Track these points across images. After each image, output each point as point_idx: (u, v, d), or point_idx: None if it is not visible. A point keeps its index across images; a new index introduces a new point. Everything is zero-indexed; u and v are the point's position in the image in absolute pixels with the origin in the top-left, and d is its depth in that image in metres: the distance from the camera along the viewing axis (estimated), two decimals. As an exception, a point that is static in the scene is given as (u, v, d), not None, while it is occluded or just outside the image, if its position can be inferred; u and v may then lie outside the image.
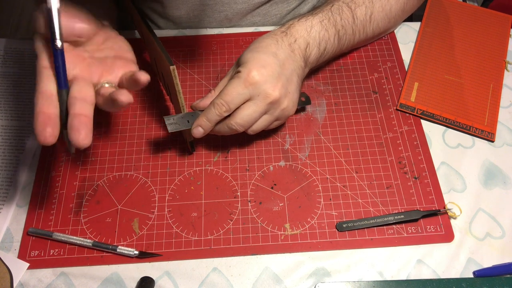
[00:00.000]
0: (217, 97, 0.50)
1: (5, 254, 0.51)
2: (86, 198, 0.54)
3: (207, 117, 0.51)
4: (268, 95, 0.50)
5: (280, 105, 0.51)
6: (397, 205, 0.53)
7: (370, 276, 0.49)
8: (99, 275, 0.49)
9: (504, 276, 0.48)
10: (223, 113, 0.50)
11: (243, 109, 0.50)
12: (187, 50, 0.67)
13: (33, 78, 0.64)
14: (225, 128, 0.52)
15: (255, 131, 0.53)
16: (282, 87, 0.51)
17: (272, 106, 0.51)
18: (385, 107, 0.61)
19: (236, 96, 0.49)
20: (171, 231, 0.52)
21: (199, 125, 0.51)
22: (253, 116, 0.51)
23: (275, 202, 0.54)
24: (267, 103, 0.50)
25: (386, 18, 0.62)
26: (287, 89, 0.52)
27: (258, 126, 0.52)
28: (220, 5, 0.66)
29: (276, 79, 0.50)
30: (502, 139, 0.58)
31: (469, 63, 0.64)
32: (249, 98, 0.50)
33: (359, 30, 0.60)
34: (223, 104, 0.49)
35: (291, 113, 0.54)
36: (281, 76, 0.51)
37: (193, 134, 0.51)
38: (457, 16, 0.69)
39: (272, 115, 0.52)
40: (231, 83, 0.50)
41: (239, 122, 0.51)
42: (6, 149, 0.58)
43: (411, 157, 0.56)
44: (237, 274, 0.49)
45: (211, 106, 0.50)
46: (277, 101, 0.51)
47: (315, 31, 0.55)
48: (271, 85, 0.50)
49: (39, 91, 0.42)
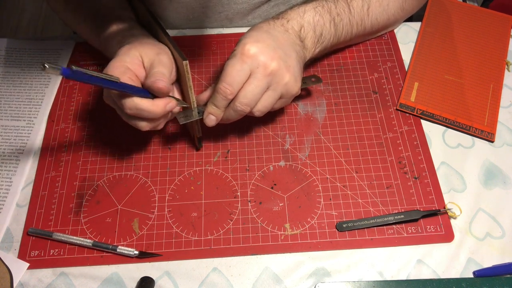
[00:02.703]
0: (218, 83, 0.49)
1: (5, 254, 0.51)
2: (86, 198, 0.54)
3: (215, 104, 0.50)
4: (267, 65, 0.49)
5: (282, 78, 0.50)
6: (397, 205, 0.53)
7: (370, 276, 0.49)
8: (99, 275, 0.49)
9: (504, 276, 0.48)
10: (228, 96, 0.49)
11: (245, 87, 0.49)
12: (187, 50, 0.67)
13: (33, 78, 0.64)
14: (231, 113, 0.51)
15: (261, 111, 0.51)
16: (280, 59, 0.49)
17: (273, 78, 0.50)
18: (385, 107, 0.61)
19: (237, 74, 0.48)
20: (171, 231, 0.52)
21: (210, 113, 0.51)
22: (256, 91, 0.49)
23: (275, 202, 0.54)
24: (267, 74, 0.49)
25: (385, 14, 0.62)
26: (287, 62, 0.50)
27: (264, 104, 0.51)
28: (220, 5, 0.66)
29: (273, 50, 0.49)
30: (502, 139, 0.58)
31: (469, 63, 0.64)
32: (249, 73, 0.49)
33: (356, 21, 0.60)
34: (226, 87, 0.48)
35: (294, 89, 0.52)
36: (277, 49, 0.50)
37: (206, 123, 0.51)
38: (458, 16, 0.69)
39: (275, 90, 0.51)
40: (228, 64, 0.49)
41: (243, 101, 0.49)
42: (6, 149, 0.58)
43: (411, 157, 0.56)
44: (237, 274, 0.49)
45: (215, 93, 0.50)
46: (277, 73, 0.49)
47: (309, 16, 0.55)
48: (269, 56, 0.49)
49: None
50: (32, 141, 0.59)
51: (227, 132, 0.59)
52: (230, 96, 0.49)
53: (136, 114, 0.48)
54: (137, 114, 0.48)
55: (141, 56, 0.50)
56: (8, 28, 1.63)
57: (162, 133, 0.59)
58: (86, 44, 0.66)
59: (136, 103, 0.47)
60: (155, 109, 0.48)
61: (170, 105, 0.49)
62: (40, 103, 0.62)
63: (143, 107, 0.47)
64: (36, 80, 0.64)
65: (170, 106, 0.49)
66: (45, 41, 0.69)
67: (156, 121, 0.50)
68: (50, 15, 1.69)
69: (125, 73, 0.48)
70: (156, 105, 0.48)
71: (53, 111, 0.61)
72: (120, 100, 0.48)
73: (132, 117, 0.49)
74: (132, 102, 0.47)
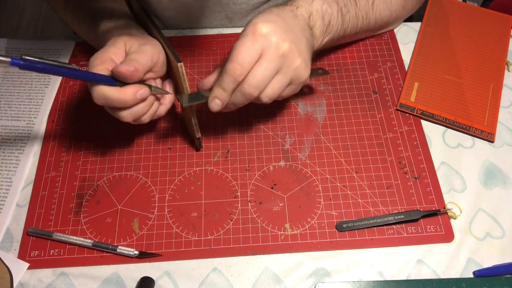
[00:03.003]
0: (227, 63, 0.47)
1: (5, 254, 0.51)
2: (86, 198, 0.54)
3: (221, 87, 0.47)
4: (279, 46, 0.47)
5: (293, 61, 0.48)
6: (397, 205, 0.53)
7: (370, 276, 0.49)
8: (99, 275, 0.49)
9: (504, 276, 0.48)
10: (237, 77, 0.46)
11: (255, 68, 0.47)
12: (187, 50, 0.67)
13: (33, 78, 0.64)
14: (238, 97, 0.48)
15: (270, 97, 0.49)
16: (291, 41, 0.47)
17: (285, 61, 0.48)
18: (385, 107, 0.61)
19: (247, 54, 0.46)
20: (171, 231, 0.52)
21: (215, 97, 0.48)
22: (266, 73, 0.47)
23: (275, 202, 0.54)
24: (279, 56, 0.47)
25: (388, 10, 0.63)
26: (298, 46, 0.48)
27: (272, 89, 0.49)
28: (219, 5, 0.66)
29: (285, 32, 0.47)
30: (502, 139, 0.58)
31: (469, 63, 0.64)
32: (260, 53, 0.47)
33: (362, 15, 0.60)
34: (236, 67, 0.46)
35: (304, 75, 0.50)
36: (289, 32, 0.48)
37: (211, 107, 0.49)
38: (458, 17, 0.69)
39: (285, 75, 0.48)
40: (239, 43, 0.47)
41: (252, 83, 0.47)
42: (6, 149, 0.58)
43: (411, 157, 0.56)
44: (237, 274, 0.49)
45: (223, 74, 0.47)
46: (289, 55, 0.47)
47: (317, 4, 0.54)
48: (281, 37, 0.47)
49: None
50: (32, 141, 0.59)
51: (227, 132, 0.59)
52: (239, 77, 0.46)
53: (105, 103, 0.46)
54: (106, 103, 0.46)
55: (125, 46, 0.49)
56: (8, 28, 1.63)
57: (162, 133, 0.59)
58: (86, 44, 0.66)
59: (103, 92, 0.45)
60: (123, 97, 0.46)
61: (141, 92, 0.47)
62: (40, 103, 0.62)
63: (109, 95, 0.46)
64: (36, 80, 0.64)
65: (140, 93, 0.47)
66: (45, 41, 0.69)
67: (138, 108, 0.48)
68: (50, 15, 1.69)
69: (104, 63, 0.47)
70: (123, 93, 0.46)
71: (53, 111, 0.61)
72: (90, 89, 0.46)
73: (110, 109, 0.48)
74: (99, 91, 0.45)
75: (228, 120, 0.60)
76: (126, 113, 0.48)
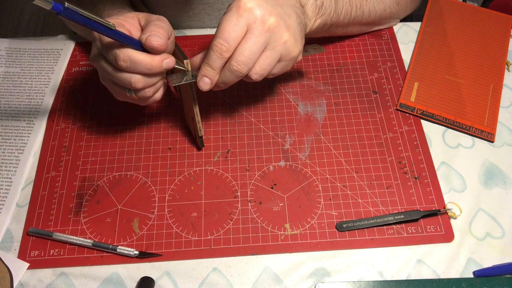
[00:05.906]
0: (213, 39, 0.46)
1: (5, 254, 0.51)
2: (86, 198, 0.54)
3: (209, 64, 0.47)
4: (265, 20, 0.46)
5: (281, 36, 0.47)
6: (397, 205, 0.53)
7: (370, 276, 0.49)
8: (99, 275, 0.49)
9: (504, 276, 0.48)
10: (224, 54, 0.45)
11: (242, 43, 0.46)
12: (187, 50, 0.67)
13: (33, 78, 0.64)
14: (227, 75, 0.47)
15: (260, 73, 0.48)
16: (278, 16, 0.47)
17: (272, 36, 0.47)
18: (385, 107, 0.61)
19: (233, 29, 0.45)
20: (171, 231, 0.52)
21: (203, 76, 0.47)
22: (254, 49, 0.46)
23: (275, 202, 0.54)
24: (265, 30, 0.46)
25: (381, 4, 0.62)
26: (286, 21, 0.47)
27: (262, 66, 0.47)
28: (219, 3, 0.66)
29: (271, 6, 0.47)
30: (502, 139, 0.58)
31: (469, 63, 0.64)
32: (246, 29, 0.46)
33: (356, 4, 0.59)
34: (222, 43, 0.45)
35: (295, 51, 0.49)
36: (276, 7, 0.47)
37: (200, 86, 0.48)
38: (457, 16, 0.69)
39: (274, 50, 0.47)
40: (223, 19, 0.46)
41: (240, 59, 0.46)
42: (6, 149, 0.58)
43: (411, 157, 0.56)
44: (237, 274, 0.49)
45: (209, 51, 0.46)
46: (275, 29, 0.46)
47: None
48: (267, 11, 0.46)
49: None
50: (32, 141, 0.59)
51: (227, 132, 0.59)
52: (226, 53, 0.45)
53: (130, 67, 0.45)
54: (131, 67, 0.45)
55: (138, 18, 0.48)
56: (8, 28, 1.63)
57: (162, 133, 0.59)
58: (86, 44, 0.66)
59: (132, 54, 0.44)
60: (151, 62, 0.45)
61: (167, 61, 0.46)
62: (40, 103, 0.62)
63: (138, 59, 0.45)
64: (36, 80, 0.64)
65: (167, 62, 0.46)
66: (45, 41, 0.69)
67: (152, 78, 0.47)
68: (50, 15, 1.69)
69: (119, 27, 0.45)
70: (152, 58, 0.45)
71: (53, 111, 0.61)
72: (113, 51, 0.45)
73: (124, 72, 0.46)
74: (127, 53, 0.44)
75: (228, 120, 0.60)
76: (139, 77, 0.46)
